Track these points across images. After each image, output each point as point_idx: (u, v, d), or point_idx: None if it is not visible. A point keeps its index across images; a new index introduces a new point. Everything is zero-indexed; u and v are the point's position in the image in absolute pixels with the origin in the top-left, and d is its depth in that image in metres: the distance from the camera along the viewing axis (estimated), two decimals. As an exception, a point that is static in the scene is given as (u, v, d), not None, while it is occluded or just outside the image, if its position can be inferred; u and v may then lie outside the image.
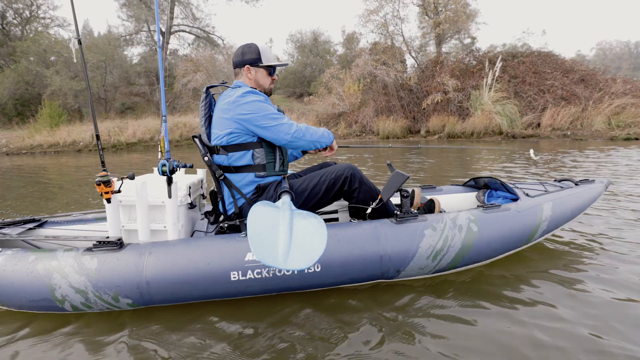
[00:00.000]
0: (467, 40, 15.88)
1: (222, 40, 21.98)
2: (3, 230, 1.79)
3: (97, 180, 1.45)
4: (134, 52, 21.85)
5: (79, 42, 1.40)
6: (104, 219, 2.00)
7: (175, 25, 21.84)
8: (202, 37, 21.96)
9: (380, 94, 12.93)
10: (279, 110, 1.81)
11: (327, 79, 15.26)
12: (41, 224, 1.94)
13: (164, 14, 21.01)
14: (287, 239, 1.20)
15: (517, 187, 2.13)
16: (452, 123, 11.11)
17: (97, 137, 1.54)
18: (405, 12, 15.68)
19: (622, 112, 9.80)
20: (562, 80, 11.27)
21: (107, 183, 1.46)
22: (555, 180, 2.29)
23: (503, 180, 2.39)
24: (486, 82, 11.03)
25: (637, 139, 8.57)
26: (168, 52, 21.57)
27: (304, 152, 2.11)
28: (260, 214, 1.29)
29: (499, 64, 11.02)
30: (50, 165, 7.96)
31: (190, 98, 17.76)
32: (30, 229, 1.87)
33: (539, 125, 10.47)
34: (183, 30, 22.18)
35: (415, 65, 14.89)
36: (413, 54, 15.36)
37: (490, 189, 2.29)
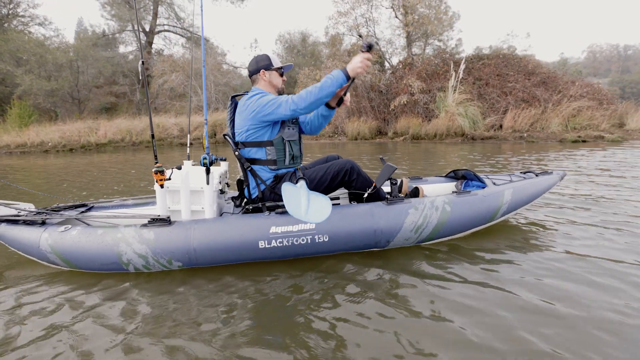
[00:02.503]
0: (450, 43, 16.21)
1: (207, 40, 21.95)
2: (62, 213, 2.15)
3: (154, 170, 1.84)
4: (118, 52, 21.39)
5: (142, 63, 1.78)
6: (141, 204, 2.38)
7: (159, 25, 21.70)
8: (186, 37, 21.84)
9: (351, 95, 12.97)
10: None
11: (301, 80, 15.32)
12: (89, 208, 2.31)
13: (148, 13, 20.93)
14: (307, 206, 1.72)
15: (488, 178, 2.59)
16: (416, 125, 11.30)
17: (152, 136, 1.92)
18: (377, 13, 15.37)
19: (579, 114, 10.15)
20: (523, 83, 11.51)
21: (162, 172, 1.86)
22: (521, 172, 2.75)
23: (480, 172, 2.87)
24: (451, 84, 11.17)
25: (584, 141, 8.86)
26: (153, 52, 21.44)
27: (329, 106, 2.12)
28: (289, 190, 1.80)
29: (462, 66, 11.15)
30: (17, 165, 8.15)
31: (167, 98, 17.67)
32: (83, 211, 2.24)
33: (501, 126, 10.67)
34: (167, 30, 22.05)
35: (388, 67, 15.01)
36: (387, 56, 15.39)
37: (466, 179, 2.75)
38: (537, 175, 2.61)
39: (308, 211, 1.73)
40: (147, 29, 21.42)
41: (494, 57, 12.74)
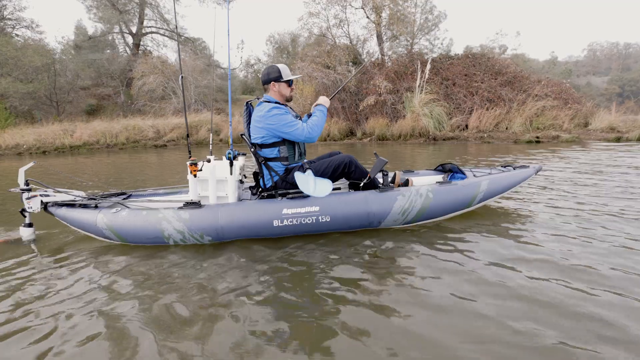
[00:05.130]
0: (437, 42, 16.08)
1: (193, 41, 22.01)
2: (109, 198, 2.58)
3: (189, 162, 2.27)
4: (104, 54, 21.15)
5: (182, 77, 2.20)
6: (171, 193, 2.81)
7: (146, 27, 21.96)
8: (174, 39, 21.98)
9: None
10: (296, 116, 2.64)
11: None
12: (129, 195, 2.73)
13: (135, 16, 20.89)
14: (314, 185, 2.22)
15: (471, 171, 2.98)
16: (382, 125, 11.27)
17: (187, 135, 2.35)
18: (350, 11, 15.26)
19: (542, 114, 10.12)
20: (489, 82, 11.39)
21: (195, 165, 2.29)
22: (501, 166, 3.14)
23: (469, 166, 3.27)
24: (417, 84, 11.13)
25: (539, 142, 8.82)
26: (140, 54, 21.42)
27: None
28: (301, 176, 2.28)
29: (428, 66, 11.04)
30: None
31: (146, 100, 17.83)
32: (124, 198, 2.67)
33: (467, 127, 10.60)
34: (154, 32, 22.23)
35: (360, 67, 14.73)
36: (362, 56, 15.31)
37: (452, 172, 3.17)
38: (514, 169, 3.01)
39: (315, 189, 2.25)
40: (134, 31, 21.53)
41: (462, 57, 12.62)
